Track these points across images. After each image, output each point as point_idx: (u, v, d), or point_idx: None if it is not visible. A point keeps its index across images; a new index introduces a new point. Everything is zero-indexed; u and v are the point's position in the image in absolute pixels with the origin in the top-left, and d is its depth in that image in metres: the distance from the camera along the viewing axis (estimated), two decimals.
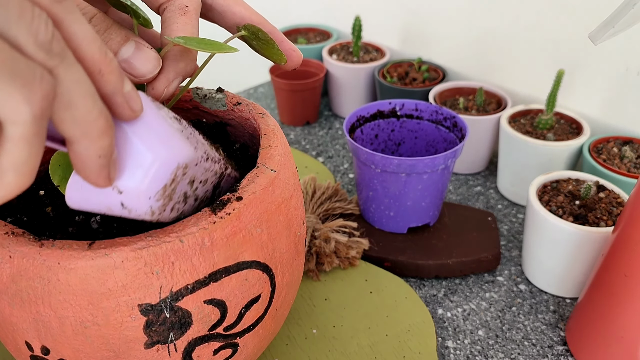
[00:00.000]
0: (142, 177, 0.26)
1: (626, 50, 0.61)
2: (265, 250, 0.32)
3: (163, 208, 0.28)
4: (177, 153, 0.27)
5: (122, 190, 0.26)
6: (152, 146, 0.26)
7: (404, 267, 0.55)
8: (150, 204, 0.26)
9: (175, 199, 0.28)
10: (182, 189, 0.29)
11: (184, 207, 0.30)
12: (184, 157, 0.27)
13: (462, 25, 0.76)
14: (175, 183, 0.27)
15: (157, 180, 0.26)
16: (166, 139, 0.27)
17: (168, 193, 0.27)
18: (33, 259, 0.27)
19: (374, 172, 0.55)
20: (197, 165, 0.29)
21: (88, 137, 0.22)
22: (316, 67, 0.83)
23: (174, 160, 0.26)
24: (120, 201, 0.26)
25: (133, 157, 0.26)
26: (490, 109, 0.69)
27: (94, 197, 0.26)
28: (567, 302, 0.53)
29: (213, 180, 0.32)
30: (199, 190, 0.31)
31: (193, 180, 0.29)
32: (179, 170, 0.27)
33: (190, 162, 0.28)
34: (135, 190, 0.26)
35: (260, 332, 0.35)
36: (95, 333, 0.29)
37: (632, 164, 0.58)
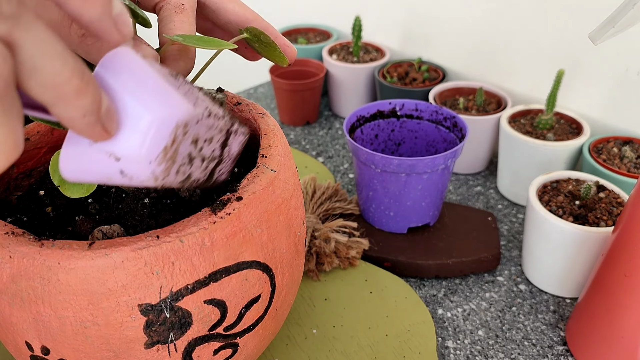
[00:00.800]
0: (139, 140, 0.24)
1: (626, 50, 0.61)
2: (265, 251, 0.32)
3: (167, 172, 0.26)
4: (175, 111, 0.24)
5: (119, 156, 0.24)
6: (147, 105, 0.24)
7: (404, 267, 0.55)
8: (152, 169, 0.24)
9: (179, 160, 0.26)
10: (186, 150, 0.27)
11: (191, 168, 0.28)
12: (183, 115, 0.25)
13: (462, 25, 0.76)
14: (176, 144, 0.25)
15: (156, 143, 0.24)
16: (161, 97, 0.24)
17: (170, 155, 0.25)
18: (33, 259, 0.27)
19: (374, 172, 0.55)
20: (199, 122, 0.27)
21: (64, 100, 0.20)
22: (316, 67, 0.83)
23: (172, 119, 0.24)
24: (120, 169, 0.24)
25: (127, 119, 0.24)
26: (490, 109, 0.69)
27: (91, 167, 0.24)
28: (567, 302, 0.53)
29: (219, 138, 0.30)
30: (205, 150, 0.29)
31: (197, 139, 0.27)
32: (179, 130, 0.25)
33: (190, 120, 0.26)
34: (134, 155, 0.24)
35: (260, 332, 0.35)
36: (95, 333, 0.29)
37: (632, 164, 0.58)
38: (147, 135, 0.24)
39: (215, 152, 0.30)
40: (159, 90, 0.24)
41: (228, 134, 0.31)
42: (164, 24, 0.32)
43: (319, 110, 0.85)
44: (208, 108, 0.28)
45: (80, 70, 0.20)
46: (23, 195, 0.37)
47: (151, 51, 0.30)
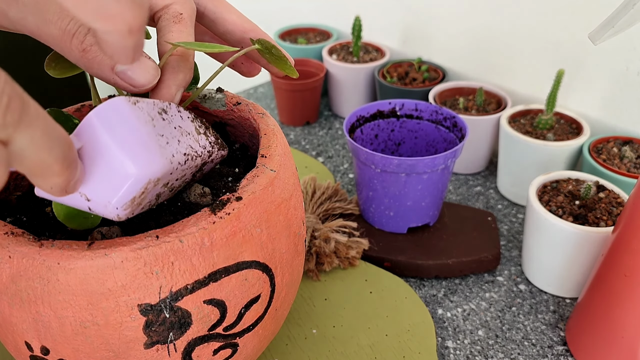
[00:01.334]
0: (109, 191, 0.26)
1: (626, 50, 0.61)
2: (265, 251, 0.32)
3: (131, 213, 0.28)
4: (150, 170, 0.26)
5: (89, 198, 0.26)
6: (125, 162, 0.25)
7: (404, 267, 0.55)
8: (117, 213, 0.27)
9: (143, 204, 0.29)
10: (154, 192, 0.29)
11: (156, 201, 0.30)
12: (157, 173, 0.27)
13: (462, 25, 0.76)
14: (145, 194, 0.27)
15: (126, 196, 0.26)
16: (141, 155, 0.26)
17: (137, 202, 0.27)
18: (33, 259, 0.27)
19: (373, 172, 0.55)
20: (172, 173, 0.29)
21: (40, 178, 0.22)
22: (316, 67, 0.83)
23: (145, 177, 0.26)
24: (88, 206, 0.26)
25: (102, 169, 0.25)
26: (490, 109, 0.69)
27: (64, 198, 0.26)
28: (567, 302, 0.53)
29: (193, 171, 0.32)
30: (175, 183, 0.31)
31: (167, 183, 0.29)
32: (150, 184, 0.27)
33: (163, 175, 0.28)
34: (102, 202, 0.26)
35: (260, 332, 0.35)
36: (94, 333, 0.29)
37: (632, 164, 0.58)
38: (118, 189, 0.26)
39: (185, 179, 0.32)
40: (140, 148, 0.26)
41: (204, 164, 0.33)
42: (162, 34, 0.32)
43: (319, 110, 0.85)
44: (187, 153, 0.30)
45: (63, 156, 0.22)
46: (23, 195, 0.37)
47: (153, 69, 0.30)
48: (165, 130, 0.29)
